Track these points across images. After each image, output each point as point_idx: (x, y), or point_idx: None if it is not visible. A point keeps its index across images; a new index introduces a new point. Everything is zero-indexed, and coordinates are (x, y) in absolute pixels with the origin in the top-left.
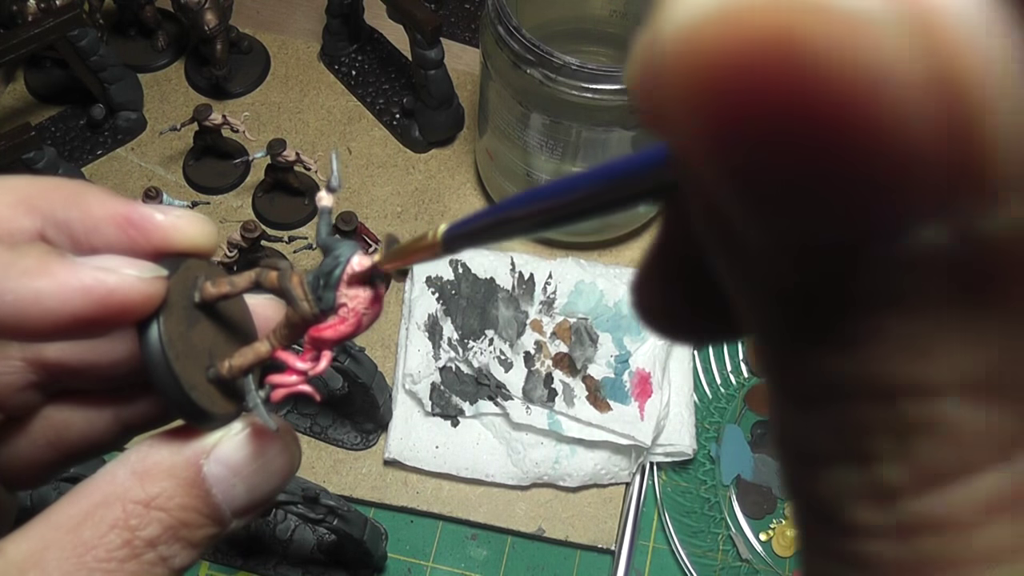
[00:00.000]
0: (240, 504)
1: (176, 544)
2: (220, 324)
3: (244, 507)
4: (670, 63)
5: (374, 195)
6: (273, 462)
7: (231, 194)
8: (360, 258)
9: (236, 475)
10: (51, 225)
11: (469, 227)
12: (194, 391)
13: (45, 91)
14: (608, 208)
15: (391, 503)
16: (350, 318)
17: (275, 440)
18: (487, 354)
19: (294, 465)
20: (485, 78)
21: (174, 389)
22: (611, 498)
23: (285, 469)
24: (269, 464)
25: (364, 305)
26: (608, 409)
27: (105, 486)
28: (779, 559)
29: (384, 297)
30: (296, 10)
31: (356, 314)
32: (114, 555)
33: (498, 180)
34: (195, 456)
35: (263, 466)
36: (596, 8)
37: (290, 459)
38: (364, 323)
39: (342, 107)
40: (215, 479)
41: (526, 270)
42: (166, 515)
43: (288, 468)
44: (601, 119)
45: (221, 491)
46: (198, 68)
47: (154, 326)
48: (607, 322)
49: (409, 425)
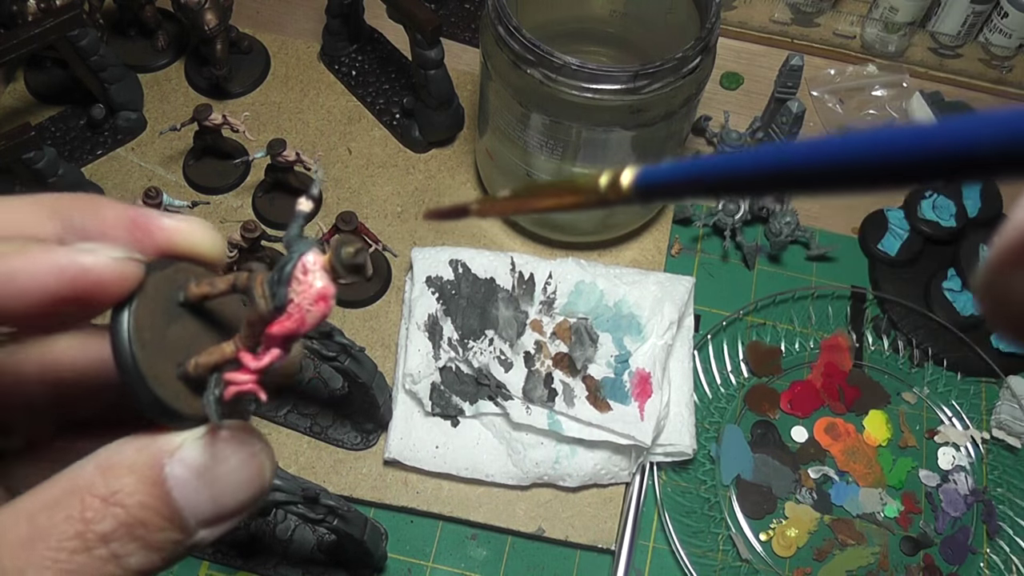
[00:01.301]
0: (204, 512)
1: (132, 543)
2: (208, 326)
3: (209, 516)
4: None
5: (374, 195)
6: (239, 471)
7: (231, 194)
8: (314, 255)
9: (198, 479)
10: (69, 231)
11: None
12: (159, 385)
13: (45, 91)
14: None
15: (391, 503)
16: (295, 314)
17: (241, 447)
18: (487, 354)
19: (263, 478)
20: (485, 78)
21: (135, 378)
22: (611, 498)
23: (253, 480)
24: (235, 472)
25: (309, 301)
26: (608, 409)
27: (71, 478)
28: (779, 559)
29: (331, 296)
30: (296, 10)
31: (300, 310)
32: (64, 545)
33: (498, 180)
34: (159, 454)
35: (228, 473)
36: (596, 8)
37: (258, 470)
38: (308, 320)
39: (342, 107)
40: (176, 480)
41: (526, 270)
42: (123, 512)
43: (255, 479)
44: (601, 119)
45: (182, 494)
46: (198, 68)
47: (124, 311)
48: (607, 322)
49: (409, 425)
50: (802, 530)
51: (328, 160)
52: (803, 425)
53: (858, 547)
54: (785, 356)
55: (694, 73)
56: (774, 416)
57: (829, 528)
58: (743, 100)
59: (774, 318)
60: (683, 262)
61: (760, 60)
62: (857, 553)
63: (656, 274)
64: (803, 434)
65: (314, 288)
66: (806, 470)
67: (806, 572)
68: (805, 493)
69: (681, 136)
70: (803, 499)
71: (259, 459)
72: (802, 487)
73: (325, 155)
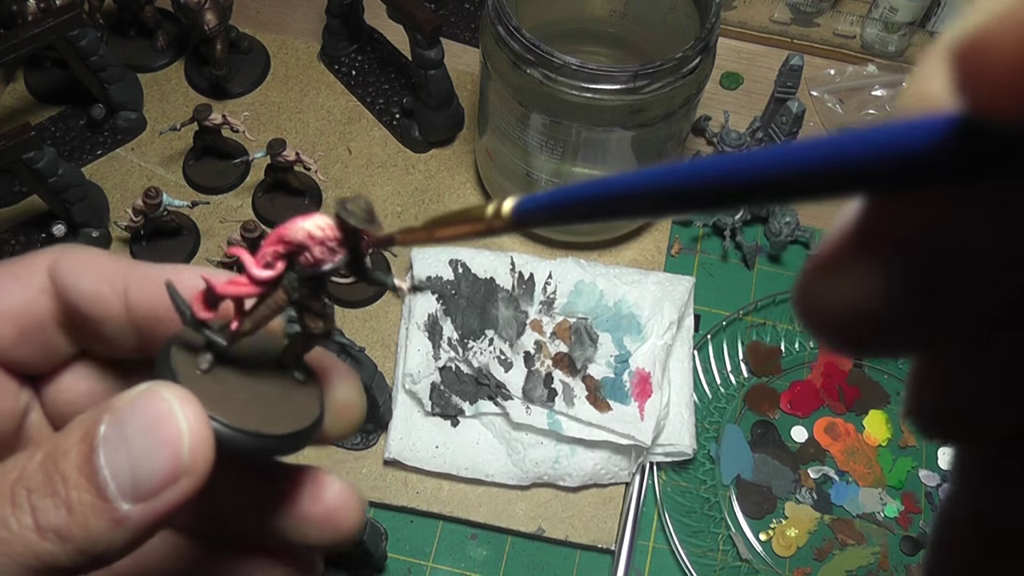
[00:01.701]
0: (124, 479)
1: (48, 498)
2: (237, 367)
3: (127, 484)
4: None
5: (374, 195)
6: (164, 444)
7: (231, 194)
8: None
9: (122, 440)
10: None
11: (553, 205)
12: (265, 428)
13: (45, 91)
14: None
15: (391, 503)
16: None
17: (152, 404)
18: (487, 354)
19: (196, 460)
20: (485, 78)
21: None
22: (611, 498)
23: (174, 452)
24: (140, 435)
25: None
26: (608, 409)
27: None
28: (779, 559)
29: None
30: (296, 10)
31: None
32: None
33: (498, 180)
34: (103, 411)
35: (153, 443)
36: (596, 8)
37: (170, 435)
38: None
39: (342, 107)
40: (104, 438)
41: (526, 270)
42: (52, 464)
43: (166, 446)
44: (601, 119)
45: (106, 452)
46: (198, 68)
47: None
48: (607, 322)
49: (409, 425)
50: (802, 530)
51: (328, 160)
52: (803, 425)
53: (858, 547)
54: (785, 356)
55: (694, 73)
56: (774, 416)
57: (829, 528)
58: (743, 100)
59: (774, 318)
60: (683, 262)
61: (760, 60)
62: (857, 553)
63: (656, 274)
64: (803, 434)
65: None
66: (806, 470)
67: (806, 572)
68: (805, 493)
69: (681, 136)
70: (803, 499)
71: (170, 423)
72: (802, 487)
73: (325, 155)
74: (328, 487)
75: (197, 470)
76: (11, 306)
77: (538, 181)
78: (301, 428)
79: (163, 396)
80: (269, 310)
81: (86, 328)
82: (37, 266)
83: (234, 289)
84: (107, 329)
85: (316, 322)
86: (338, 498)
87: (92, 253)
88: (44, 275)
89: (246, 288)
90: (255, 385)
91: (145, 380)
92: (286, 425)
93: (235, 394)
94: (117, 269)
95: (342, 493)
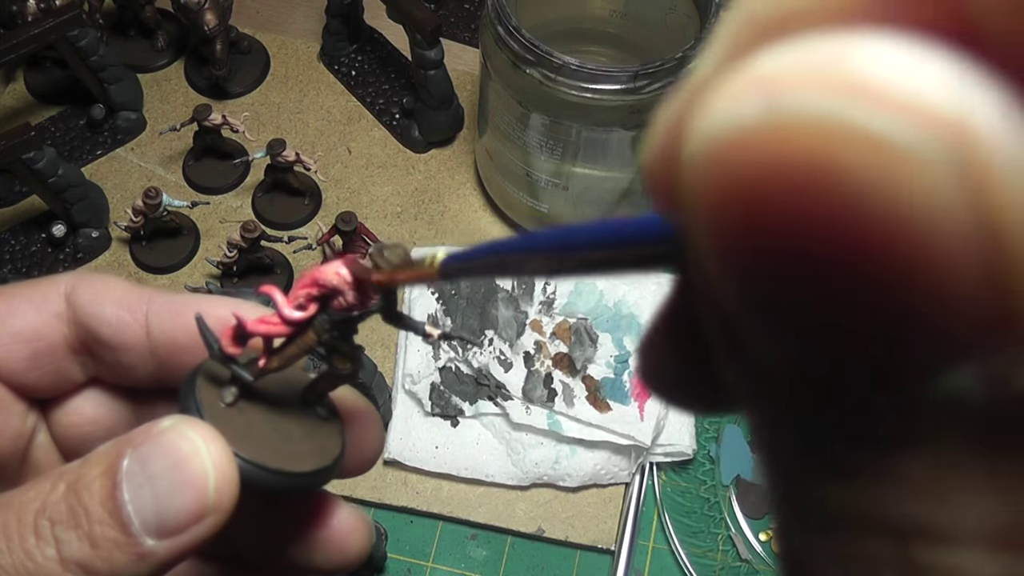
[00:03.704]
0: (148, 515)
1: (71, 531)
2: (261, 402)
3: (152, 521)
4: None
5: (374, 195)
6: (171, 472)
7: (231, 194)
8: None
9: (145, 475)
10: None
11: (467, 262)
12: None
13: (45, 91)
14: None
15: (391, 503)
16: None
17: (179, 445)
18: (487, 354)
19: (202, 484)
20: (485, 78)
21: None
22: (611, 498)
23: (187, 485)
24: (167, 473)
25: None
26: (608, 409)
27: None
28: None
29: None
30: (296, 10)
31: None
32: (24, 519)
33: (498, 180)
34: (125, 444)
35: (162, 472)
36: (596, 8)
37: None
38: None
39: (342, 107)
40: (127, 473)
41: None
42: (74, 496)
43: (190, 484)
44: (601, 119)
45: (129, 489)
46: (198, 68)
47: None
48: (607, 322)
49: (409, 425)
50: None
51: (328, 160)
52: None
53: None
54: None
55: None
56: None
57: None
58: None
59: None
60: None
61: None
62: None
63: (656, 274)
64: None
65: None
66: None
67: None
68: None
69: None
70: None
71: (195, 462)
72: None
73: (325, 155)
74: (335, 513)
75: (222, 508)
76: (24, 329)
77: (538, 181)
78: (322, 466)
79: (188, 436)
80: (298, 350)
81: (104, 355)
82: (53, 291)
83: (264, 328)
84: (126, 357)
85: (344, 364)
86: (346, 523)
87: (112, 280)
88: (60, 300)
89: (277, 328)
90: (278, 420)
91: (161, 407)
92: (308, 462)
93: (258, 429)
94: (139, 296)
95: (350, 519)
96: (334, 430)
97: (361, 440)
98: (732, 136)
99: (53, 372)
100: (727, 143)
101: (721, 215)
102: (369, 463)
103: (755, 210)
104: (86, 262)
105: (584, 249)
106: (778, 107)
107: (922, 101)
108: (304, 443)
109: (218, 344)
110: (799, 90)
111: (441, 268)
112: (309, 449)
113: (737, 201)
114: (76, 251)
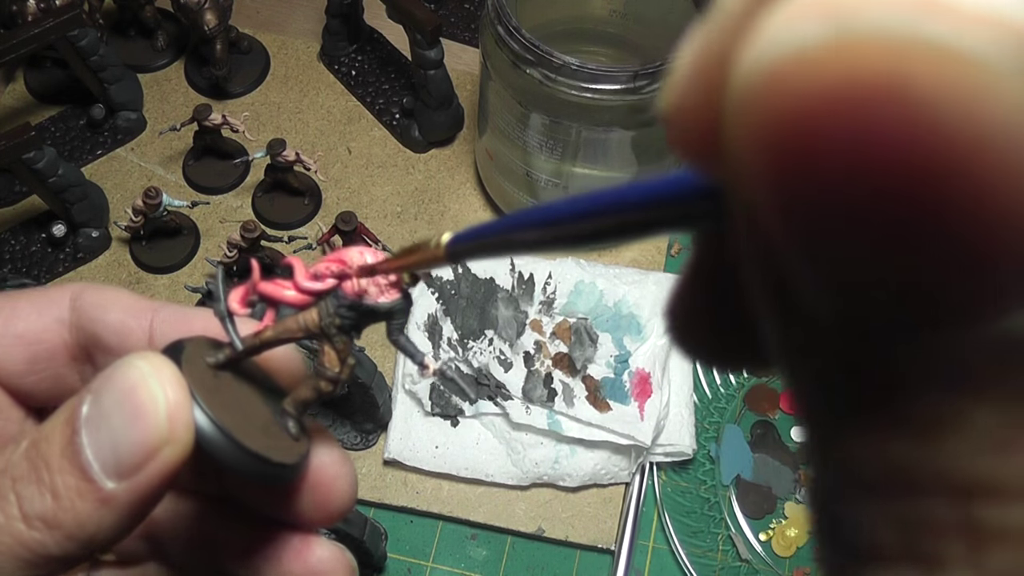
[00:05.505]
0: (107, 457)
1: (33, 485)
2: (244, 377)
3: (112, 465)
4: (751, 100)
5: (374, 195)
6: (140, 413)
7: (231, 194)
8: None
9: (101, 416)
10: None
11: (476, 240)
12: (268, 452)
13: (45, 91)
14: (633, 234)
15: (391, 503)
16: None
17: (146, 385)
18: (487, 354)
19: (175, 426)
20: (485, 78)
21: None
22: (611, 498)
23: (150, 420)
24: (118, 405)
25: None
26: (608, 409)
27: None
28: (779, 559)
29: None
30: (296, 10)
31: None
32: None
33: (498, 180)
34: (85, 390)
35: (129, 413)
36: (596, 8)
37: (143, 401)
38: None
39: (342, 107)
40: (86, 418)
41: (526, 270)
42: (35, 450)
43: (140, 412)
44: (601, 119)
45: (88, 432)
46: (198, 68)
47: (197, 410)
48: (607, 322)
49: (409, 425)
50: (802, 530)
51: (328, 160)
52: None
53: None
54: None
55: None
56: (774, 416)
57: None
58: None
59: None
60: (683, 262)
61: None
62: None
63: (656, 274)
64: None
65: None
66: (806, 470)
67: (806, 572)
68: (805, 493)
69: None
70: (803, 499)
71: (142, 390)
72: (802, 487)
73: (325, 155)
74: (314, 551)
75: (178, 438)
76: (25, 331)
77: (538, 181)
78: (278, 459)
79: (136, 364)
80: (296, 326)
81: (105, 362)
82: (59, 296)
83: (274, 289)
84: None
85: (333, 364)
86: (324, 563)
87: (120, 290)
88: (65, 306)
89: (286, 294)
90: (249, 409)
91: None
92: (262, 449)
93: (227, 402)
94: (144, 305)
95: (329, 559)
96: (299, 449)
97: (323, 474)
98: (795, 59)
99: (52, 378)
100: (789, 66)
101: (780, 146)
102: (330, 507)
103: (819, 139)
104: (86, 262)
105: (610, 214)
106: (847, 25)
107: (997, 12)
108: (265, 440)
109: (226, 298)
110: (868, 8)
111: (448, 249)
112: (268, 445)
113: (799, 130)
114: (76, 251)
